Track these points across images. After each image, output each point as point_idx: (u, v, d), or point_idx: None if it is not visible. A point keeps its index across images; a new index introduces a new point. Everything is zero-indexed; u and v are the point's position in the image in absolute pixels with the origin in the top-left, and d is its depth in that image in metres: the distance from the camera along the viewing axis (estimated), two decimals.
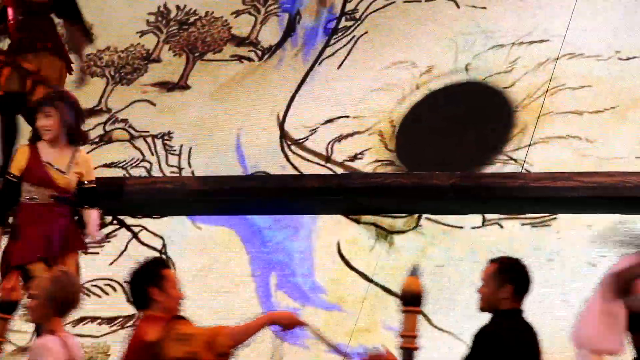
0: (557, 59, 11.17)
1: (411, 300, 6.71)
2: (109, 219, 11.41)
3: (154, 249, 11.13)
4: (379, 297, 10.47)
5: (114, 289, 10.90)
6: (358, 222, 10.78)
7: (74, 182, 9.07)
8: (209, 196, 10.91)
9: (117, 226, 11.64)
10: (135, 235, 11.35)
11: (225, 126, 11.92)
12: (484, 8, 11.62)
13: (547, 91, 11.04)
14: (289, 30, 12.30)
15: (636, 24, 11.20)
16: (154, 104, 12.27)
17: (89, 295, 9.76)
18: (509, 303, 7.07)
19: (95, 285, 10.89)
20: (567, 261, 10.39)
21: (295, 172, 11.27)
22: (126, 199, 11.08)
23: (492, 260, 7.26)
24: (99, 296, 10.97)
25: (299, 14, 12.39)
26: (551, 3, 11.52)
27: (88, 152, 11.24)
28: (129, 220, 11.55)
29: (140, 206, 11.42)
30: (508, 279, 7.04)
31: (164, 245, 11.07)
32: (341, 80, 11.85)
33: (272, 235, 10.96)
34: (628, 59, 11.00)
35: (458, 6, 11.75)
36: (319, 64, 12.01)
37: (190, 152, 11.87)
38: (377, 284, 10.48)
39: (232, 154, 11.89)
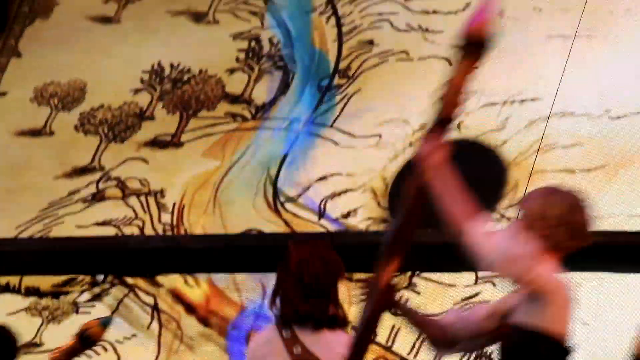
0: (548, 117, 11.13)
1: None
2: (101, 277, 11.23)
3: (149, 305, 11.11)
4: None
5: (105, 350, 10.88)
6: (351, 279, 10.20)
7: None
8: (204, 254, 10.80)
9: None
10: (130, 292, 11.26)
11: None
12: (476, 67, 11.51)
13: (538, 149, 11.02)
14: (283, 88, 12.24)
15: (626, 83, 11.20)
16: (147, 162, 12.17)
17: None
18: None
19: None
20: None
21: (288, 230, 11.20)
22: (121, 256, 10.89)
23: None
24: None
25: (293, 73, 12.34)
26: (542, 63, 11.51)
27: (80, 211, 11.82)
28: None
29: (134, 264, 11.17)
30: None
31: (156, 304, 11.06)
32: (334, 136, 11.83)
33: None
34: (618, 117, 11.00)
35: (450, 64, 11.68)
36: (313, 122, 11.96)
37: (182, 210, 11.77)
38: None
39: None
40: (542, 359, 6.03)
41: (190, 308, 8.94)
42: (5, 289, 11.08)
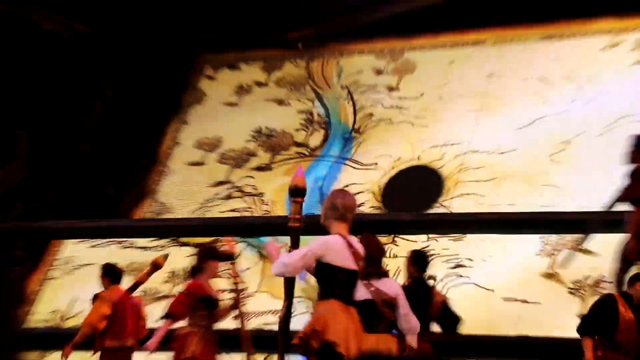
0: (465, 153, 11.11)
1: (296, 193, 5.58)
2: None
3: None
4: None
5: None
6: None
7: None
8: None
9: None
10: None
11: None
12: (427, 127, 11.54)
13: (459, 170, 11.02)
14: (325, 140, 12.09)
15: (507, 134, 11.04)
16: (253, 178, 11.86)
17: None
18: None
19: None
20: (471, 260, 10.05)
21: None
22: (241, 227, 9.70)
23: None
24: None
25: (330, 131, 12.17)
26: (463, 122, 11.36)
27: (220, 204, 11.38)
28: None
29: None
30: None
31: None
32: (352, 164, 11.69)
33: None
34: (502, 152, 10.90)
35: (413, 125, 11.64)
36: (340, 157, 11.80)
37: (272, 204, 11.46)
38: None
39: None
40: None
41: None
42: (183, 244, 10.57)
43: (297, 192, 5.64)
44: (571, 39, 11.74)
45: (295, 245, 5.55)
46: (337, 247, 5.56)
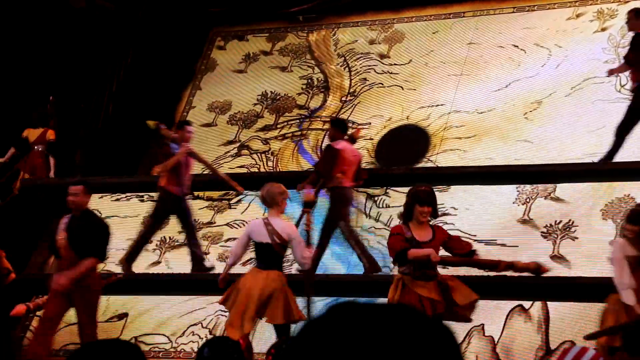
0: (449, 113, 10.90)
1: (307, 205, 6.77)
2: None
3: None
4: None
5: None
6: (357, 190, 10.00)
7: None
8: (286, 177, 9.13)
9: None
10: None
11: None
12: (415, 90, 11.36)
13: (444, 128, 10.83)
14: (324, 102, 11.89)
15: (483, 96, 10.91)
16: (259, 137, 11.69)
17: None
18: None
19: None
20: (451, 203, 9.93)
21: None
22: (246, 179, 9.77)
23: None
24: None
25: (328, 94, 11.97)
26: (447, 90, 11.16)
27: (231, 161, 11.40)
28: None
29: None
30: None
31: None
32: (349, 120, 11.05)
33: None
34: (481, 112, 10.74)
35: (402, 89, 11.45)
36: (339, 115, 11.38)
37: (277, 160, 11.57)
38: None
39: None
40: None
41: None
42: (197, 197, 10.37)
43: (309, 205, 6.77)
44: (540, 10, 11.51)
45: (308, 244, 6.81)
46: (256, 228, 6.95)
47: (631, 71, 8.67)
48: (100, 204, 10.43)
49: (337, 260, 9.49)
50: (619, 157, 8.95)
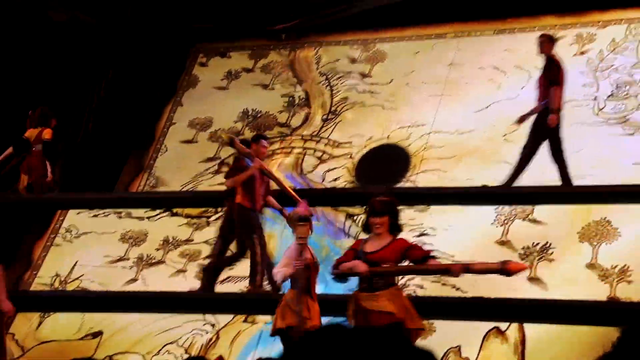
0: (430, 133, 10.89)
1: (302, 219, 6.16)
2: None
3: None
4: None
5: None
6: (337, 210, 10.39)
7: None
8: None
9: None
10: None
11: None
12: (395, 109, 11.32)
13: (424, 148, 10.81)
14: (305, 121, 11.81)
15: (462, 117, 10.87)
16: None
17: None
18: None
19: None
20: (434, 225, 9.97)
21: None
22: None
23: None
24: None
25: (310, 114, 11.93)
26: (427, 105, 11.17)
27: (210, 178, 11.26)
28: None
29: None
30: None
31: None
32: (329, 139, 11.48)
33: None
34: (461, 133, 10.69)
35: (383, 108, 11.43)
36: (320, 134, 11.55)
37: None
38: None
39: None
40: None
41: None
42: (174, 214, 10.47)
43: (303, 219, 6.24)
44: (521, 33, 11.54)
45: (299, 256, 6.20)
46: None
47: (541, 93, 8.64)
48: (78, 220, 10.42)
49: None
50: (598, 180, 9.02)
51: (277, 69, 12.59)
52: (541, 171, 9.69)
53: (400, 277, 6.84)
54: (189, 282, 9.11)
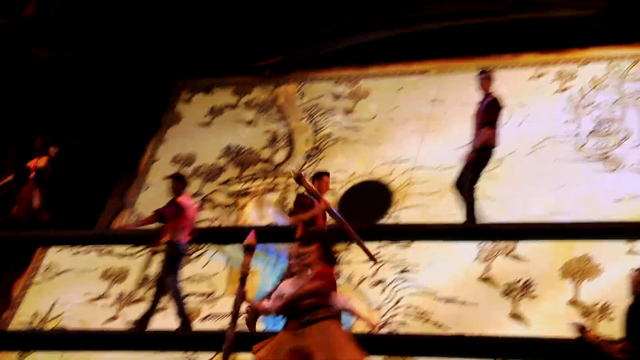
0: (412, 169, 10.96)
1: (248, 248, 5.77)
2: None
3: None
4: None
5: None
6: None
7: None
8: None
9: None
10: None
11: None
12: (379, 145, 11.37)
13: (407, 184, 10.86)
14: (289, 157, 11.89)
15: (453, 148, 10.38)
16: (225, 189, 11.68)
17: None
18: None
19: None
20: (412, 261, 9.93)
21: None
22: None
23: None
24: None
25: (293, 150, 12.00)
26: (410, 141, 11.24)
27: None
28: None
29: None
30: None
31: None
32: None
33: None
34: (445, 169, 10.46)
35: (367, 144, 11.44)
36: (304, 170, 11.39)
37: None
38: None
39: None
40: None
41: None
42: (156, 252, 9.95)
43: (249, 248, 5.82)
44: (503, 70, 11.60)
45: (242, 287, 5.71)
46: None
47: (477, 130, 8.60)
48: (58, 257, 10.39)
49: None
50: (579, 217, 9.10)
51: (261, 105, 12.65)
52: (523, 208, 9.96)
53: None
54: (170, 320, 9.02)
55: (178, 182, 8.43)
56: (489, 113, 8.44)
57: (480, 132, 8.40)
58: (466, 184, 8.31)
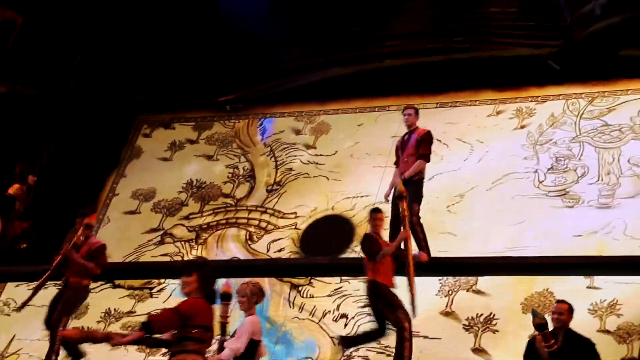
0: (374, 204, 10.30)
1: (225, 297, 6.21)
2: None
3: None
4: None
5: None
6: (282, 280, 10.43)
7: None
8: None
9: None
10: None
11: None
12: (340, 180, 11.41)
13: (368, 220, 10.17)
14: (250, 191, 11.86)
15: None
16: (185, 225, 11.63)
17: None
18: None
19: None
20: None
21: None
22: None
23: None
24: None
25: (254, 184, 12.00)
26: (371, 176, 11.16)
27: (154, 249, 11.16)
28: None
29: None
30: None
31: None
32: (274, 209, 11.46)
33: None
34: None
35: (328, 179, 11.52)
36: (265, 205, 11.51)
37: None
38: None
39: None
40: None
41: None
42: (116, 286, 10.42)
43: (225, 297, 6.27)
44: (462, 106, 11.77)
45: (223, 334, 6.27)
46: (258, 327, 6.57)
47: (406, 162, 8.71)
48: (16, 292, 10.22)
49: None
50: (540, 252, 9.16)
51: (222, 140, 12.62)
52: (484, 243, 10.00)
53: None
54: (131, 356, 8.92)
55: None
56: (423, 146, 8.57)
57: (414, 166, 8.53)
58: (413, 219, 8.31)
